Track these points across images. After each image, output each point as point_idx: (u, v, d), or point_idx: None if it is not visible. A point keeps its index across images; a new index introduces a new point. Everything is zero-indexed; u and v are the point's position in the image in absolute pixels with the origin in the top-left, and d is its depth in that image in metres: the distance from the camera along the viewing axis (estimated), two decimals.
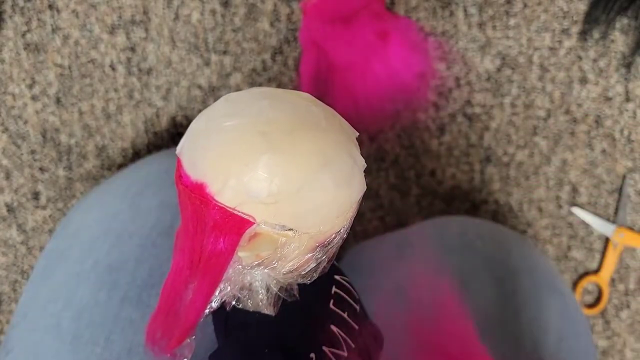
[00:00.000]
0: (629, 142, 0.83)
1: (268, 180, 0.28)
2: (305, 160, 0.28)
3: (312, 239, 0.30)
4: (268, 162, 0.28)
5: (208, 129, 0.29)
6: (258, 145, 0.28)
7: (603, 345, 0.86)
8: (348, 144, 0.31)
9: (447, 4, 0.82)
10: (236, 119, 0.29)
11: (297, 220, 0.29)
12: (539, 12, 0.82)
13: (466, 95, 0.83)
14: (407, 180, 0.85)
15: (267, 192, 0.28)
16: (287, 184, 0.28)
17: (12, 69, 0.82)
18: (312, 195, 0.28)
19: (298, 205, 0.28)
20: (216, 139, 0.29)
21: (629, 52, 0.81)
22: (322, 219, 0.29)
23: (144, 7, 0.81)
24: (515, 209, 0.85)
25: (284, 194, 0.28)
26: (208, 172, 0.28)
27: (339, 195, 0.29)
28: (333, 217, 0.29)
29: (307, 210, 0.29)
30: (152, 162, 0.70)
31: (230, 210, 0.28)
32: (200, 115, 0.31)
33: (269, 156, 0.28)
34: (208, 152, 0.29)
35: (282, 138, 0.28)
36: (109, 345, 0.50)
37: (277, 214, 0.28)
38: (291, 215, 0.28)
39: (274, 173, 0.28)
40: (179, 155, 0.31)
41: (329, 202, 0.29)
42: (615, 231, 0.83)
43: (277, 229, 0.29)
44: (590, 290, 0.87)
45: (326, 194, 0.29)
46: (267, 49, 0.82)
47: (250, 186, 0.28)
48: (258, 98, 0.30)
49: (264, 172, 0.27)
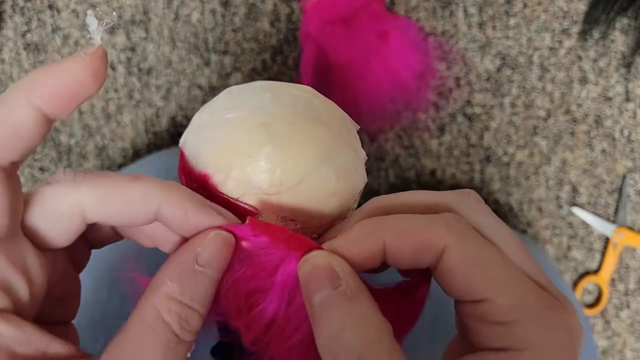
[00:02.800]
0: (629, 142, 0.83)
1: (270, 171, 0.28)
2: (307, 152, 0.28)
3: (313, 231, 0.30)
4: (270, 153, 0.28)
5: (210, 122, 0.29)
6: (260, 137, 0.28)
7: (603, 345, 0.86)
8: (349, 136, 0.31)
9: (447, 4, 0.82)
10: (238, 111, 0.29)
11: (299, 211, 0.29)
12: (539, 12, 0.82)
13: (466, 95, 0.83)
14: (407, 180, 0.85)
15: (269, 183, 0.28)
16: (289, 175, 0.28)
17: (12, 69, 0.82)
18: (313, 187, 0.28)
19: (300, 196, 0.28)
20: (219, 131, 0.29)
21: (629, 52, 0.81)
22: (323, 211, 0.29)
23: (144, 7, 0.81)
24: (515, 209, 0.85)
25: (286, 185, 0.28)
26: (211, 163, 0.29)
27: (341, 187, 0.29)
28: (334, 209, 0.29)
29: (308, 202, 0.29)
30: (152, 162, 0.70)
31: (233, 201, 0.28)
32: (202, 108, 0.31)
33: (270, 148, 0.28)
34: (211, 144, 0.29)
35: (284, 130, 0.28)
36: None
37: (279, 205, 0.28)
38: (293, 207, 0.28)
39: (275, 164, 0.28)
40: (181, 147, 0.31)
41: (330, 194, 0.29)
42: (615, 231, 0.83)
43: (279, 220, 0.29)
44: (590, 290, 0.86)
45: (328, 186, 0.29)
46: (267, 49, 0.82)
47: (252, 177, 0.28)
48: (260, 91, 0.30)
49: (266, 164, 0.27)
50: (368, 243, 0.27)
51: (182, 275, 0.26)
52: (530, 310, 0.26)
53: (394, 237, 0.27)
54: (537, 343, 0.26)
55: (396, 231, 0.27)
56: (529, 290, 0.26)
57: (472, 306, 0.27)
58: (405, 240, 0.27)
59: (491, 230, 0.28)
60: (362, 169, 0.31)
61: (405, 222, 0.28)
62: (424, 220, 0.28)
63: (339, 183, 0.29)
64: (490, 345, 0.26)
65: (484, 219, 0.29)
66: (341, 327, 0.25)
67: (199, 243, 0.27)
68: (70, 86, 0.25)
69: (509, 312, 0.26)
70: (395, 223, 0.28)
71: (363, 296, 0.26)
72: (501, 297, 0.26)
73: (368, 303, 0.26)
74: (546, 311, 0.26)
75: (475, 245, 0.27)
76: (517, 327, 0.26)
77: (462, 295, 0.27)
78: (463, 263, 0.26)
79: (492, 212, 0.29)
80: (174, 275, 0.26)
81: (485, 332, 0.27)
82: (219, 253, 0.27)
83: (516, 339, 0.26)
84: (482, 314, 0.27)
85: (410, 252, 0.27)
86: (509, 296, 0.26)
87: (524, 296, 0.26)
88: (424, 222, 0.27)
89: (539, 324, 0.26)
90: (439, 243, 0.27)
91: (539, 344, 0.26)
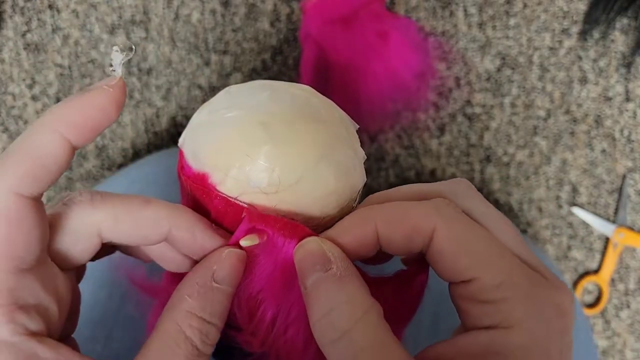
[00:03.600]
0: (629, 142, 0.83)
1: (269, 170, 0.28)
2: (306, 151, 0.28)
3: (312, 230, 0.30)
4: (269, 152, 0.28)
5: (209, 121, 0.29)
6: (259, 136, 0.28)
7: (603, 345, 0.86)
8: (348, 135, 0.31)
9: (447, 4, 0.82)
10: (237, 111, 0.29)
11: (297, 210, 0.29)
12: (539, 12, 0.82)
13: (466, 95, 0.83)
14: (407, 180, 0.85)
15: (267, 182, 0.28)
16: (287, 174, 0.28)
17: (12, 69, 0.82)
18: (312, 186, 0.28)
19: (298, 195, 0.28)
20: (218, 130, 0.29)
21: (629, 52, 0.81)
22: (322, 210, 0.29)
23: (144, 7, 0.81)
24: (515, 209, 0.85)
25: (285, 184, 0.28)
26: (210, 162, 0.29)
27: (339, 186, 0.29)
28: (333, 208, 0.29)
29: (307, 201, 0.29)
30: (152, 162, 0.70)
31: (232, 200, 0.28)
32: (201, 107, 0.31)
33: (269, 147, 0.28)
34: (210, 143, 0.29)
35: (283, 129, 0.28)
36: (109, 343, 0.50)
37: (277, 204, 0.28)
38: (291, 205, 0.28)
39: (274, 163, 0.28)
40: (181, 147, 0.31)
41: (329, 193, 0.29)
42: (615, 231, 0.83)
43: None
44: (590, 290, 0.86)
45: (326, 185, 0.29)
46: (267, 49, 0.82)
47: (251, 176, 0.28)
48: (259, 90, 0.30)
49: (264, 162, 0.27)
50: (360, 229, 0.29)
51: (201, 292, 0.28)
52: (517, 287, 0.27)
53: (385, 222, 0.28)
54: (524, 320, 0.26)
55: (386, 216, 0.28)
56: (515, 268, 0.27)
57: (463, 287, 0.28)
58: (395, 224, 0.28)
59: (481, 214, 0.29)
60: (361, 168, 0.31)
61: (395, 208, 0.29)
62: (413, 205, 0.29)
63: (337, 182, 0.29)
64: (481, 324, 0.27)
65: (473, 204, 0.30)
66: (331, 306, 0.26)
67: (214, 261, 0.29)
68: (95, 117, 0.27)
69: (496, 290, 0.27)
70: (385, 209, 0.29)
71: (352, 277, 0.27)
72: (488, 276, 0.27)
73: (357, 284, 0.27)
74: (533, 288, 0.27)
75: (463, 226, 0.28)
76: (504, 304, 0.27)
77: (452, 276, 0.28)
78: (450, 244, 0.28)
79: (483, 197, 0.30)
80: (193, 292, 0.28)
81: (475, 311, 0.28)
82: (233, 269, 0.29)
83: (504, 316, 0.27)
84: (471, 294, 0.27)
85: (401, 236, 0.28)
86: (495, 274, 0.27)
87: (511, 274, 0.27)
88: (413, 206, 0.29)
89: (525, 301, 0.27)
90: (428, 226, 0.28)
91: (525, 320, 0.26)
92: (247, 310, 0.30)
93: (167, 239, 0.29)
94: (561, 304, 0.28)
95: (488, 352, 0.27)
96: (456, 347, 0.28)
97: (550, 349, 0.27)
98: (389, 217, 0.28)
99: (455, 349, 0.28)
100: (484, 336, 0.27)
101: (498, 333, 0.27)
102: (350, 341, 0.26)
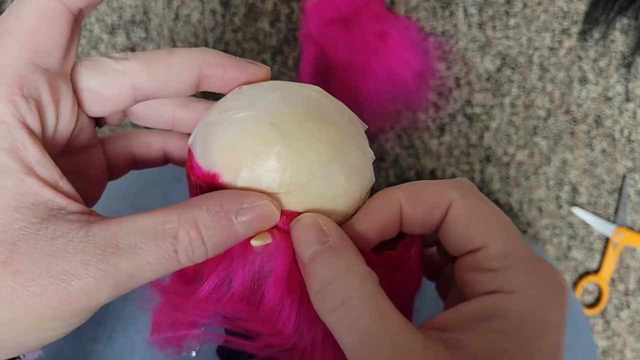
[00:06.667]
0: (629, 142, 0.83)
1: (280, 170, 0.27)
2: (317, 152, 0.28)
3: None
4: (280, 153, 0.27)
5: (220, 121, 0.29)
6: (270, 136, 0.28)
7: (603, 345, 0.86)
8: (358, 136, 0.31)
9: (447, 4, 0.82)
10: (248, 111, 0.29)
11: (308, 210, 0.29)
12: (539, 12, 0.82)
13: (466, 95, 0.83)
14: (407, 180, 0.85)
15: (278, 183, 0.28)
16: (298, 174, 0.28)
17: None
18: (323, 186, 0.28)
19: (309, 195, 0.28)
20: (228, 130, 0.28)
21: (629, 52, 0.82)
22: (332, 210, 0.29)
23: (144, 7, 0.81)
24: (515, 209, 0.85)
25: (296, 185, 0.28)
26: (220, 162, 0.28)
27: (350, 186, 0.29)
28: (343, 208, 0.29)
29: (317, 201, 0.28)
30: None
31: None
32: (212, 107, 0.31)
33: (280, 147, 0.27)
34: (220, 143, 0.28)
35: (294, 129, 0.28)
36: (110, 343, 0.50)
37: (288, 204, 0.28)
38: (302, 206, 0.28)
39: (285, 164, 0.27)
40: (190, 146, 0.31)
41: (339, 193, 0.29)
42: (615, 231, 0.84)
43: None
44: (590, 290, 0.87)
45: (337, 185, 0.29)
46: (267, 49, 0.82)
47: (262, 176, 0.28)
48: (269, 91, 0.30)
49: (276, 163, 0.27)
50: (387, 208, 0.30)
51: (219, 215, 0.27)
52: (521, 258, 0.28)
53: (408, 198, 0.30)
54: (527, 287, 0.28)
55: (409, 193, 0.30)
56: (520, 242, 0.29)
57: (470, 257, 0.29)
58: (418, 200, 0.30)
59: None
60: (370, 168, 0.31)
61: (416, 185, 0.31)
62: (432, 182, 0.31)
63: (348, 182, 0.29)
64: (484, 290, 0.28)
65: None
66: (329, 276, 0.27)
67: (248, 200, 0.28)
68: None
69: (502, 259, 0.28)
70: (407, 187, 0.31)
71: (348, 248, 0.28)
72: (495, 245, 0.29)
73: (353, 254, 0.28)
74: (535, 262, 0.29)
75: (477, 200, 0.30)
76: (507, 272, 0.28)
77: (462, 245, 0.30)
78: (465, 214, 0.29)
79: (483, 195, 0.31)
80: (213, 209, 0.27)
81: (479, 279, 0.29)
82: (257, 220, 0.28)
83: (506, 281, 0.28)
84: (477, 263, 0.29)
85: (422, 211, 0.30)
86: (502, 244, 0.29)
87: (516, 246, 0.29)
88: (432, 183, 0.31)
89: (529, 271, 0.28)
90: (446, 199, 0.30)
91: (528, 287, 0.28)
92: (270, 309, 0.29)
93: (200, 82, 0.30)
94: (561, 281, 0.29)
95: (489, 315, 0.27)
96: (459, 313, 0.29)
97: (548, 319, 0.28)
98: (412, 194, 0.30)
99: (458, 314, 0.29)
100: (486, 300, 0.28)
101: (499, 297, 0.28)
102: (349, 308, 0.26)
